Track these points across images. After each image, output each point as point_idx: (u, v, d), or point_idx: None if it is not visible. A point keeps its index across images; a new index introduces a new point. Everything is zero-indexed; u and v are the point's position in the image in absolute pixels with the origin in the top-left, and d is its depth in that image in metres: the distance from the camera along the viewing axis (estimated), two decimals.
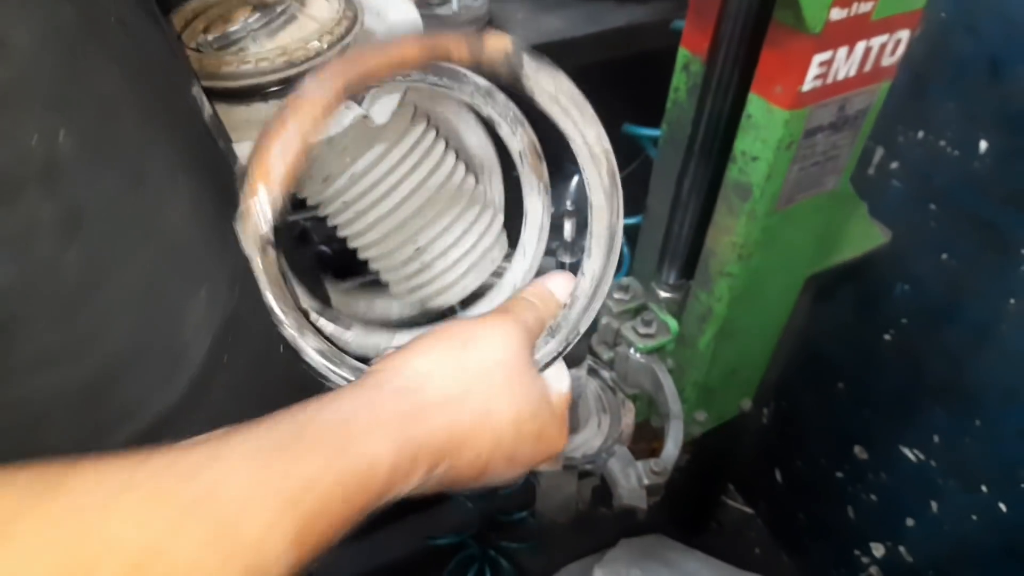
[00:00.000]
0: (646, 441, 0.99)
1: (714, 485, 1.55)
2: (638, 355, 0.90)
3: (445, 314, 0.78)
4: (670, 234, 0.91)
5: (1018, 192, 0.89)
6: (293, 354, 0.49)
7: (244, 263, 0.45)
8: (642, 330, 0.90)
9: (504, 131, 0.65)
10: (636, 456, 0.85)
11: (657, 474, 0.79)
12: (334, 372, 0.48)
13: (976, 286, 0.98)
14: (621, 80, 1.41)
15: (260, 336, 0.52)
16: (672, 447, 0.82)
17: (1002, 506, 1.05)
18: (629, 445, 0.87)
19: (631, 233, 1.05)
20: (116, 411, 0.45)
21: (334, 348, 0.49)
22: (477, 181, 0.80)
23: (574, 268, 0.76)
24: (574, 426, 0.87)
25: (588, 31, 1.02)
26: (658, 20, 1.02)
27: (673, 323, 0.91)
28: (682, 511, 1.52)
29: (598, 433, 0.87)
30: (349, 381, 0.48)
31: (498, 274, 0.80)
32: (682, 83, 0.82)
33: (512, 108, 0.62)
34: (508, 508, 1.42)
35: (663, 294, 0.93)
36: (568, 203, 1.48)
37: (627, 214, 1.04)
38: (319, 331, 0.49)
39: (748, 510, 1.64)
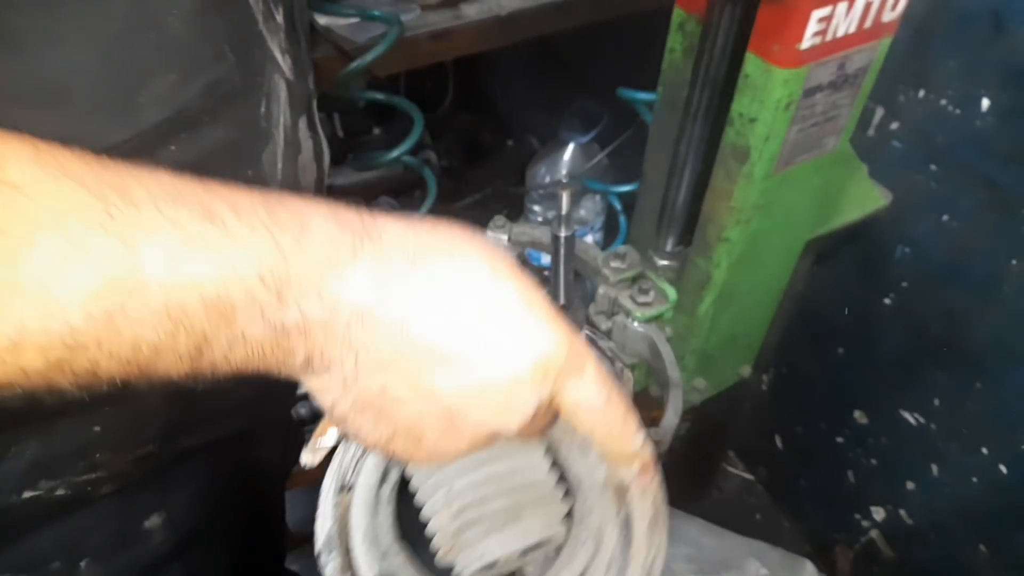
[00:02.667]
0: (646, 410, 0.99)
1: (714, 452, 1.55)
2: (636, 324, 0.89)
3: None
4: (667, 200, 0.89)
5: (1021, 150, 0.87)
6: None
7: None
8: (640, 299, 0.89)
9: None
10: None
11: (657, 443, 0.78)
12: None
13: (978, 247, 0.97)
14: (615, 43, 1.38)
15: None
16: (672, 415, 0.81)
17: (1002, 468, 1.05)
18: None
19: (628, 201, 1.03)
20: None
21: None
22: None
23: (569, 242, 0.75)
24: None
25: None
26: None
27: (671, 291, 0.90)
28: (683, 479, 1.52)
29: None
30: None
31: None
32: (678, 44, 0.80)
33: None
34: None
35: (661, 262, 0.92)
36: (563, 174, 1.46)
37: (624, 181, 1.03)
38: None
39: (749, 476, 1.64)
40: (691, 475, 1.56)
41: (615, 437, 0.45)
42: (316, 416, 0.45)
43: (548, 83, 1.72)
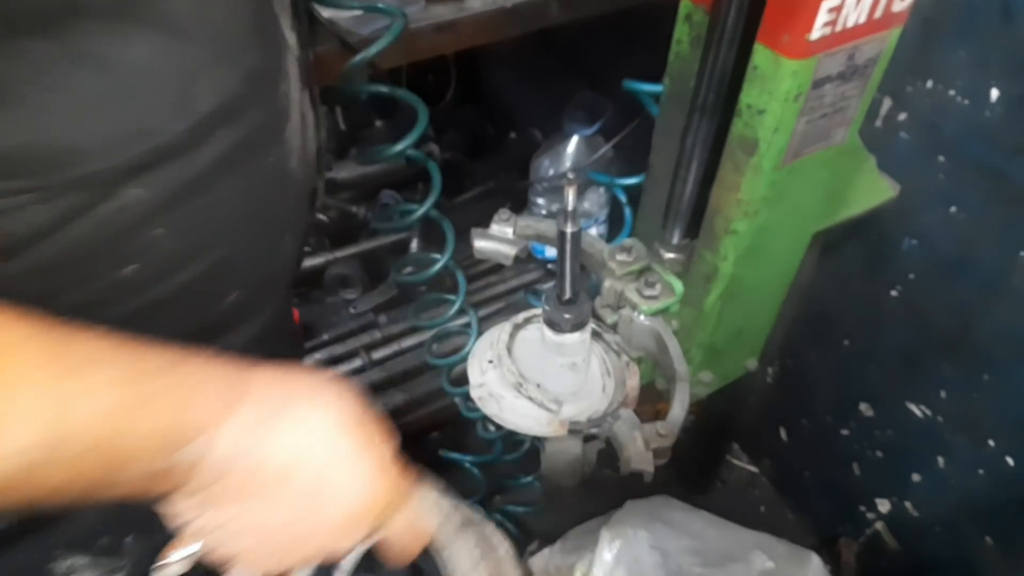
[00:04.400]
0: (651, 404, 0.98)
1: (719, 445, 1.55)
2: (642, 317, 0.89)
3: None
4: (674, 193, 0.88)
5: None
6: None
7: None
8: (646, 292, 0.88)
9: None
10: (641, 419, 0.84)
11: (663, 436, 0.78)
12: None
13: (986, 239, 0.96)
14: (620, 34, 1.37)
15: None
16: (678, 409, 0.81)
17: (1009, 460, 1.05)
18: (634, 408, 0.86)
19: (633, 193, 1.03)
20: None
21: None
22: None
23: (575, 237, 0.75)
24: (579, 391, 0.86)
25: None
26: None
27: (678, 284, 0.89)
28: (687, 471, 1.52)
29: (603, 396, 0.86)
30: None
31: None
32: (684, 35, 0.79)
33: None
34: (514, 473, 1.42)
35: (667, 255, 0.91)
36: (567, 167, 1.45)
37: (629, 173, 1.02)
38: None
39: (753, 469, 1.64)
40: (695, 468, 1.56)
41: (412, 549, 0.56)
42: None
43: (552, 75, 1.71)
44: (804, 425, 1.44)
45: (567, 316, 0.78)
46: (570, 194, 0.70)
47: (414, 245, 1.53)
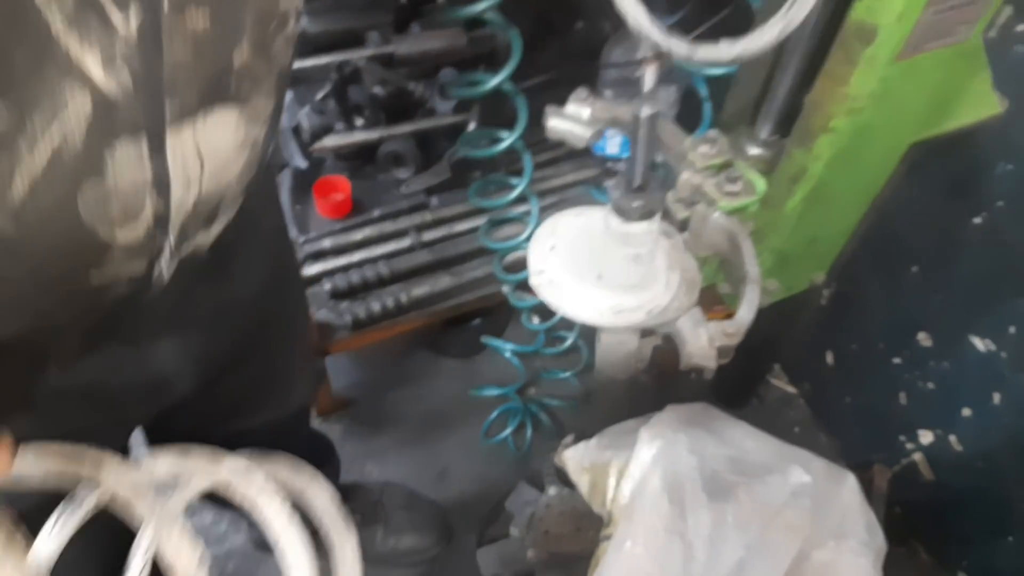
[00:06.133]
0: (710, 306, 0.96)
1: (761, 362, 1.53)
2: (718, 215, 0.85)
3: None
4: (770, 84, 0.83)
5: None
6: None
7: None
8: (726, 188, 0.84)
9: None
10: None
11: (730, 335, 0.76)
12: None
13: None
14: None
15: None
16: (747, 311, 0.78)
17: None
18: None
19: (722, 83, 0.97)
20: None
21: None
22: None
23: (651, 121, 0.70)
24: (642, 284, 0.83)
25: None
26: None
27: (761, 182, 0.84)
28: (724, 385, 1.51)
29: (666, 291, 0.83)
30: None
31: None
32: None
33: None
34: (552, 367, 1.42)
35: (752, 151, 0.86)
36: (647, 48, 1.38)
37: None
38: None
39: (791, 390, 1.62)
40: (734, 383, 1.54)
41: None
42: None
43: None
44: (853, 350, 1.41)
45: (636, 204, 0.74)
46: (650, 73, 0.65)
47: (471, 128, 1.48)
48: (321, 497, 0.54)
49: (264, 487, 0.51)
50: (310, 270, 1.30)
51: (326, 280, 1.29)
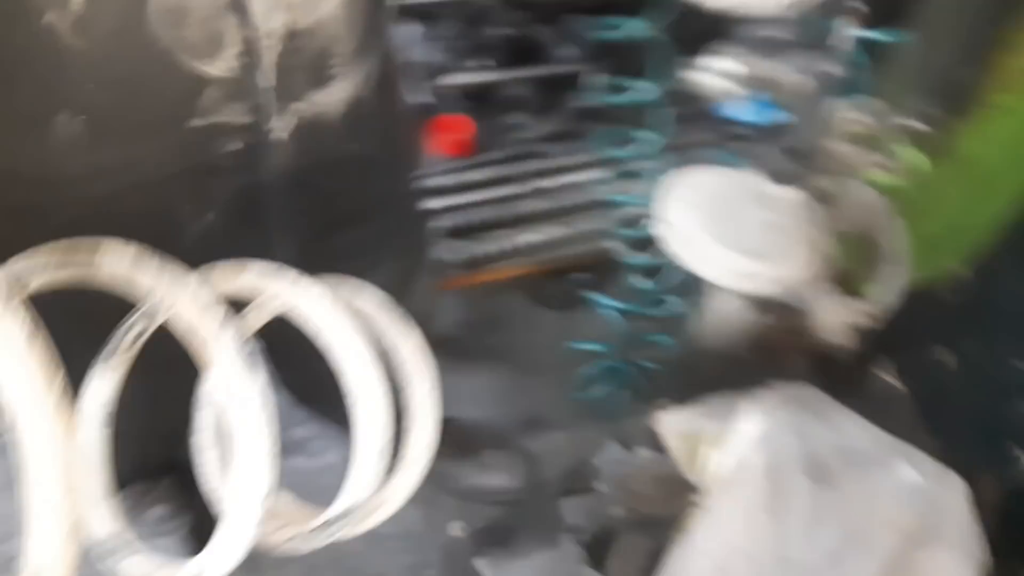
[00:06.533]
0: (843, 284, 0.92)
1: (873, 353, 1.46)
2: (865, 189, 0.80)
3: None
4: (939, 55, 0.77)
5: None
6: None
7: None
8: (877, 161, 0.79)
9: None
10: None
11: (867, 315, 0.72)
12: None
13: None
14: None
15: None
16: (889, 290, 0.74)
17: None
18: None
19: (881, 51, 0.90)
20: None
21: None
22: None
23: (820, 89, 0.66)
24: (775, 253, 0.80)
25: None
26: None
27: (915, 157, 0.79)
28: (830, 372, 1.45)
29: (801, 263, 0.80)
30: None
31: None
32: None
33: None
34: (651, 329, 1.40)
35: (911, 125, 0.81)
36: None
37: (881, 25, 0.90)
38: None
39: (900, 386, 1.55)
40: (840, 371, 1.48)
41: None
42: None
43: None
44: (979, 352, 1.32)
45: (788, 169, 0.71)
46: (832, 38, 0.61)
47: (596, 77, 1.45)
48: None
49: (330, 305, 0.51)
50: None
51: (444, 216, 1.31)
